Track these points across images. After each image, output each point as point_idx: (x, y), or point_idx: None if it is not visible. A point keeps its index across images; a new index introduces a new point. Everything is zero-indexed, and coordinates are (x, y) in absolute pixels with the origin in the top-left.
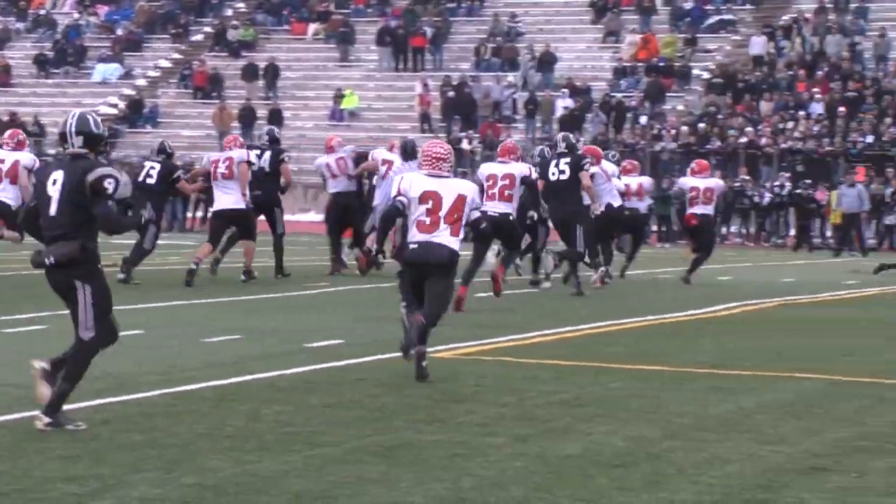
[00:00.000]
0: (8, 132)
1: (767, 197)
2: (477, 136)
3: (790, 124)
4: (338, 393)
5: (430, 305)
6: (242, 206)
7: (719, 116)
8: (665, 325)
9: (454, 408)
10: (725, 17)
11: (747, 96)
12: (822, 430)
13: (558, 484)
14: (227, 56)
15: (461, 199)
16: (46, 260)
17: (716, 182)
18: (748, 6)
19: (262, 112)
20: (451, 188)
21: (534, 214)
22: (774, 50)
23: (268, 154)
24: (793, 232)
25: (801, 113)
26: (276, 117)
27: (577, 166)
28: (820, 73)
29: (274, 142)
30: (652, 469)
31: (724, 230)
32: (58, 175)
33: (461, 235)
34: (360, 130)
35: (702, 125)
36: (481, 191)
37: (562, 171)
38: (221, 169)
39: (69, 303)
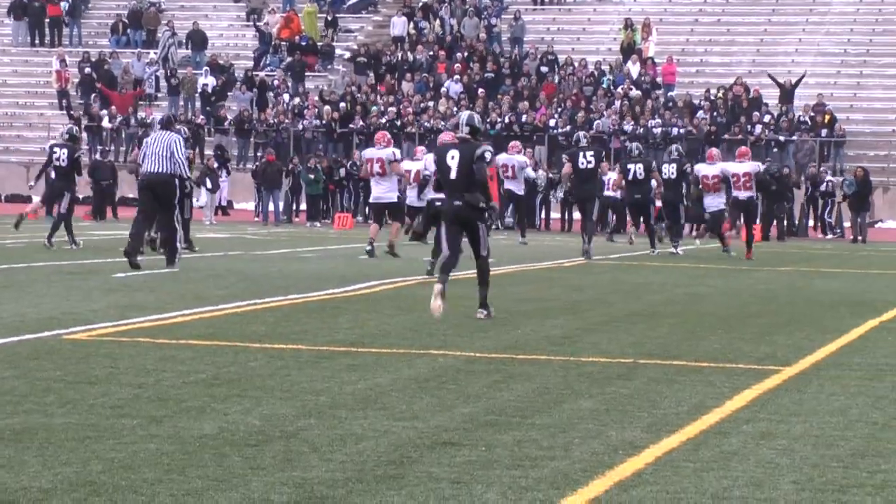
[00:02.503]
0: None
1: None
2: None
3: (431, 104)
4: None
5: None
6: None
7: (359, 95)
8: (307, 303)
9: (87, 390)
10: None
11: (389, 76)
12: (453, 406)
13: (191, 464)
14: None
15: None
16: (456, 203)
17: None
18: None
19: None
20: None
21: None
22: (415, 31)
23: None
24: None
25: (442, 91)
26: None
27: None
28: (458, 54)
29: None
30: (286, 447)
31: (366, 209)
32: (454, 153)
33: None
34: None
35: (343, 104)
36: None
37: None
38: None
39: (468, 230)
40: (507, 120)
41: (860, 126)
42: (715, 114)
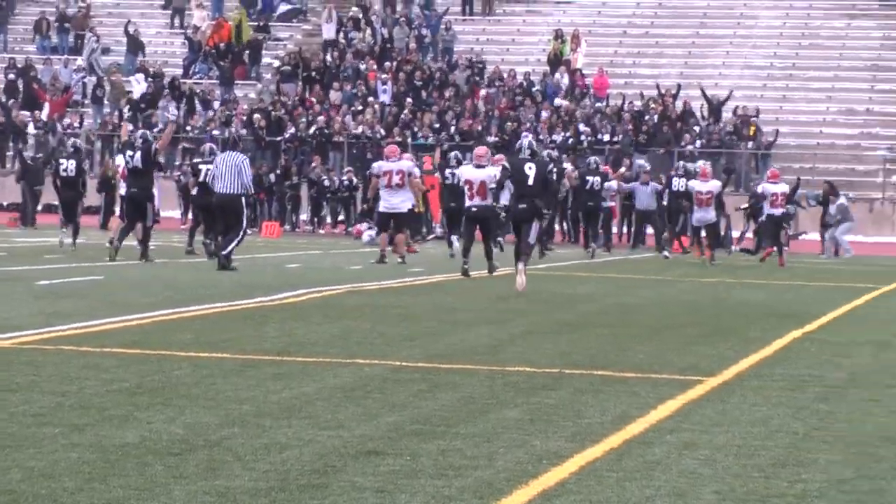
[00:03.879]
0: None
1: (338, 183)
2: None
3: (360, 113)
4: None
5: None
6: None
7: (289, 103)
8: (233, 312)
9: (8, 398)
10: (296, 5)
11: (318, 85)
12: (378, 415)
13: (113, 473)
14: None
15: None
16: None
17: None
18: None
19: None
20: None
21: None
22: (345, 39)
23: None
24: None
25: (371, 100)
26: None
27: None
28: (388, 63)
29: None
30: (209, 456)
31: (293, 218)
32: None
33: None
34: None
35: (273, 112)
36: None
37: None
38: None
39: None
40: (436, 129)
41: (786, 139)
42: (643, 124)
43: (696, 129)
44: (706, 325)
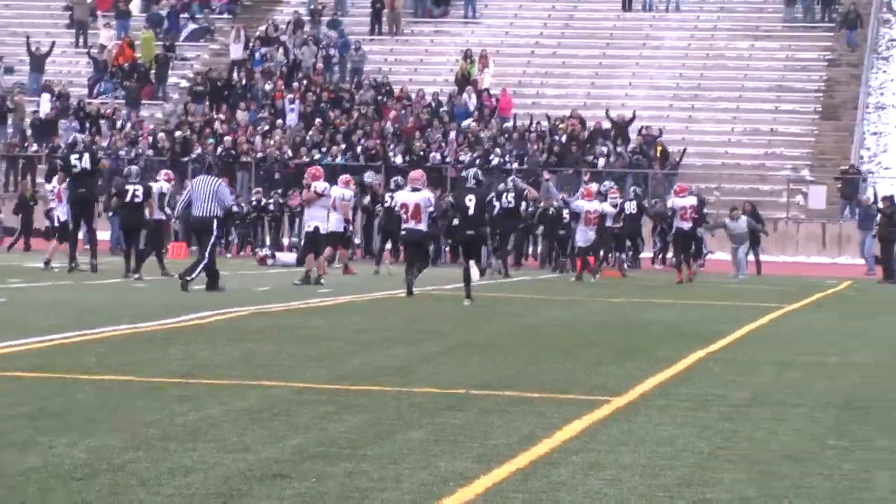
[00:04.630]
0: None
1: (246, 207)
2: None
3: (268, 134)
4: None
5: None
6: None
7: (197, 124)
8: (138, 334)
9: None
10: (203, 25)
11: (225, 105)
12: (284, 438)
13: (14, 499)
14: None
15: None
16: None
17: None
18: (226, 15)
19: None
20: None
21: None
22: (259, 56)
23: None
24: (268, 240)
25: (279, 122)
26: None
27: None
28: (296, 83)
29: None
30: (112, 481)
31: None
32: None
33: None
34: None
35: (179, 133)
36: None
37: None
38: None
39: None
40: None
41: (692, 159)
42: (553, 145)
43: (604, 149)
44: (615, 345)
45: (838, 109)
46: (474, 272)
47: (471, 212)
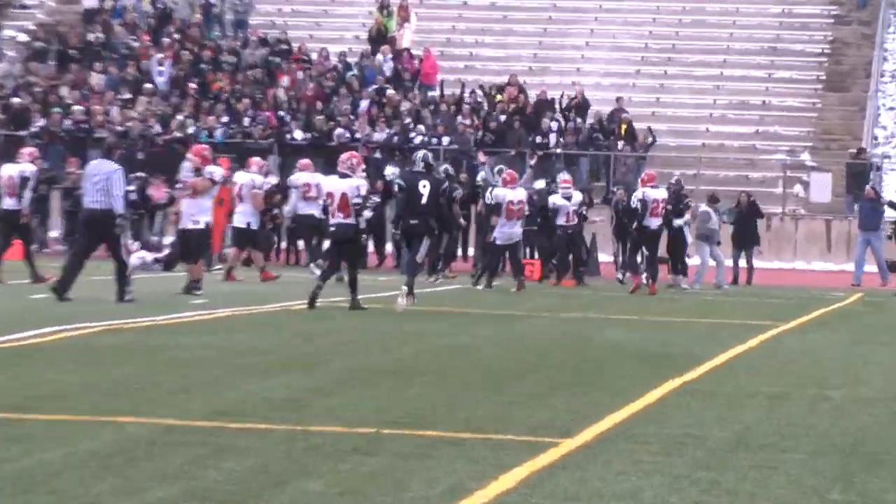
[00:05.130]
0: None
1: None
2: None
3: (130, 103)
4: None
5: None
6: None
7: (39, 89)
8: None
9: None
10: None
11: (76, 65)
12: (145, 488)
13: None
14: None
15: None
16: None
17: None
18: None
19: None
20: None
21: None
22: (111, 8)
23: None
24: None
25: (145, 88)
26: None
27: None
28: (167, 38)
29: None
30: None
31: (41, 234)
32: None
33: None
34: None
35: (18, 100)
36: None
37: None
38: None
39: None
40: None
41: (664, 138)
42: (489, 120)
43: (554, 125)
44: (562, 372)
45: (846, 78)
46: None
47: (424, 200)
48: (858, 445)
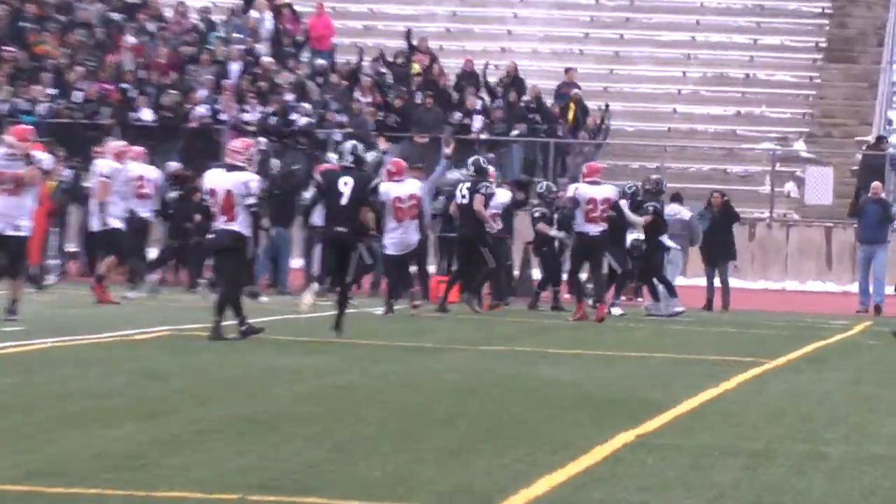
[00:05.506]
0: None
1: None
2: None
3: None
4: None
5: None
6: None
7: None
8: None
9: None
10: None
11: None
12: None
13: None
14: None
15: None
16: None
17: None
18: None
19: None
20: None
21: None
22: None
23: None
24: None
25: None
26: None
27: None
28: None
29: None
30: None
31: None
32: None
33: None
34: None
35: None
36: None
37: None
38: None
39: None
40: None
41: (620, 121)
42: (395, 96)
43: (478, 103)
44: (485, 421)
45: (853, 46)
46: (306, 299)
47: (344, 201)
48: None
